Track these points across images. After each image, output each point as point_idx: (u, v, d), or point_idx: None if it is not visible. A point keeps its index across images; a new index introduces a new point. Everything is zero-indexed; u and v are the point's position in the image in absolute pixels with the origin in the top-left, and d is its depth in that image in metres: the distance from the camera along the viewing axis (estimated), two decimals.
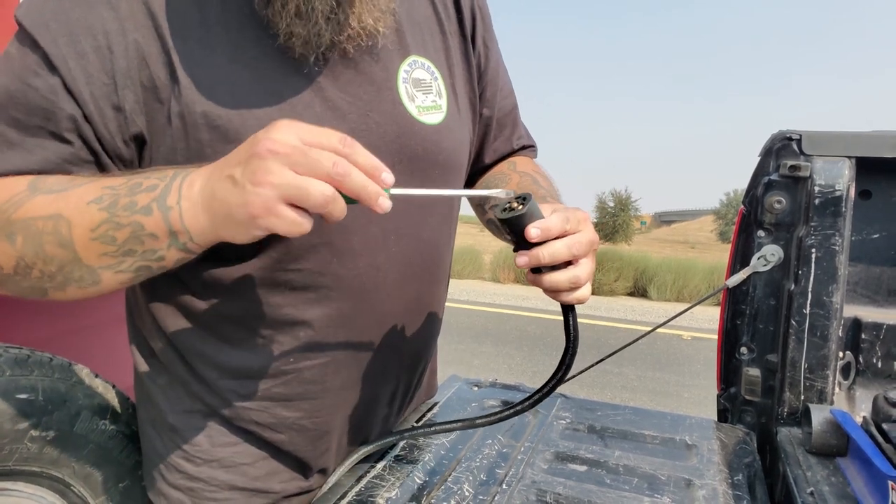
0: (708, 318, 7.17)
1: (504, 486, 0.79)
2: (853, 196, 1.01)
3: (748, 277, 1.10)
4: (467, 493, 0.77)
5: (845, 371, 1.09)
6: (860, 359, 1.08)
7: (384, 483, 0.80)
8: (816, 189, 1.01)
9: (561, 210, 0.64)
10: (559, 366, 0.70)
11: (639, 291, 10.53)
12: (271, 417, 0.78)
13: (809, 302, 1.01)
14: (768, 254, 1.08)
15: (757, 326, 1.12)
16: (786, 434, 0.98)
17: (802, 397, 1.02)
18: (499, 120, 0.95)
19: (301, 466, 0.83)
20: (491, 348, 5.91)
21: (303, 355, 0.76)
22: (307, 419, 0.80)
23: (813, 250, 1.01)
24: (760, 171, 1.09)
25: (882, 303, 1.12)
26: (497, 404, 1.07)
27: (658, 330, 1.29)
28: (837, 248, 1.00)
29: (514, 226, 0.62)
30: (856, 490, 0.78)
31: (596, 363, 1.28)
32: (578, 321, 0.69)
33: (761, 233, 1.09)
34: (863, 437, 0.81)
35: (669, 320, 1.29)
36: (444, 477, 0.81)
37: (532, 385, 1.15)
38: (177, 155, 0.65)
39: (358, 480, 0.81)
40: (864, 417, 0.86)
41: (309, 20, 0.64)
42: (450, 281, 0.95)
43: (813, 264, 1.01)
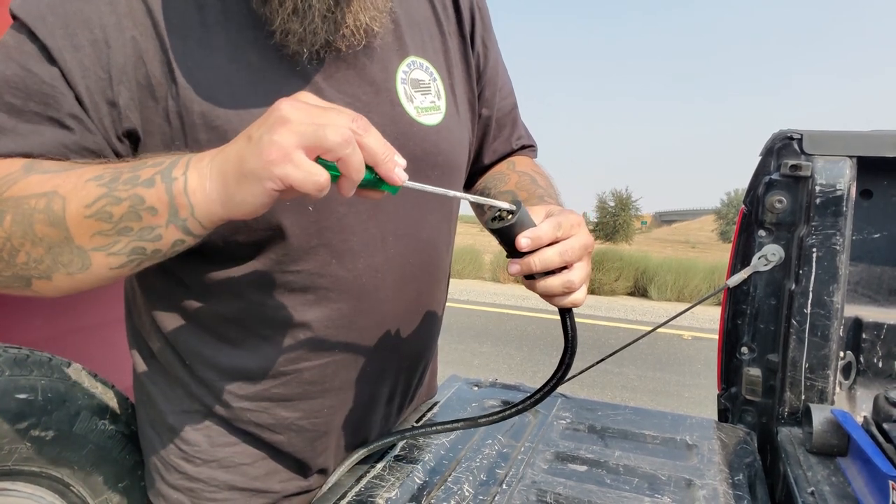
0: (709, 318, 7.17)
1: (504, 487, 0.79)
2: (854, 195, 1.01)
3: (749, 277, 1.10)
4: (467, 494, 0.77)
5: (846, 371, 1.09)
6: (861, 358, 1.08)
7: (384, 483, 0.80)
8: (817, 188, 1.01)
9: (553, 216, 0.64)
10: (559, 366, 0.70)
11: (639, 291, 10.53)
12: (270, 418, 0.78)
13: (810, 302, 1.01)
14: (769, 253, 1.08)
15: (758, 326, 1.12)
16: (786, 434, 0.98)
17: (803, 397, 1.02)
18: (498, 120, 0.95)
19: (300, 467, 0.83)
20: (491, 348, 5.91)
21: (302, 356, 0.76)
22: (306, 420, 0.80)
23: (814, 250, 1.01)
24: (761, 171, 1.09)
25: (883, 302, 1.12)
26: (497, 404, 1.07)
27: (658, 330, 1.29)
28: (838, 248, 1.00)
29: (505, 235, 0.61)
30: (856, 490, 0.78)
31: (596, 363, 1.28)
32: (578, 321, 0.69)
33: (762, 232, 1.09)
34: (863, 437, 0.81)
35: (670, 320, 1.28)
36: (445, 477, 0.81)
37: (532, 385, 1.15)
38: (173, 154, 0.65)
39: (358, 480, 0.81)
40: (865, 417, 0.86)
41: (305, 18, 0.64)
42: (450, 281, 0.95)
43: (814, 264, 1.01)
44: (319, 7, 0.64)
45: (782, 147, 1.06)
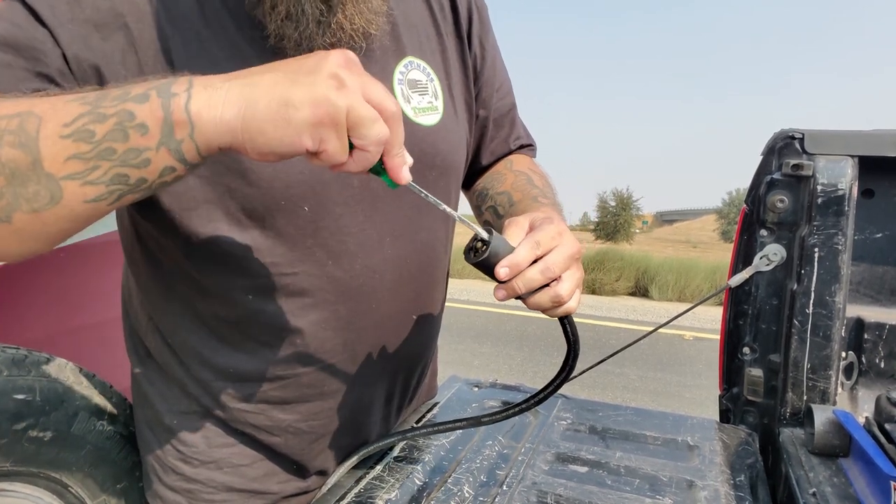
0: (710, 319, 7.16)
1: (504, 488, 0.78)
2: (856, 195, 1.01)
3: (750, 277, 1.10)
4: (467, 495, 0.77)
5: (848, 371, 1.08)
6: (863, 359, 1.07)
7: (384, 484, 0.79)
8: (819, 188, 1.00)
9: (532, 231, 0.62)
10: (562, 367, 0.69)
11: (640, 291, 10.52)
12: (268, 420, 0.78)
13: (812, 302, 1.01)
14: (771, 253, 1.08)
15: (759, 326, 1.11)
16: (788, 434, 0.98)
17: (805, 398, 1.02)
18: (496, 120, 0.94)
19: (298, 468, 0.83)
20: (491, 348, 5.90)
21: (299, 359, 0.75)
22: (304, 422, 0.79)
23: (815, 250, 1.00)
24: (763, 171, 1.09)
25: (885, 302, 1.12)
26: (497, 405, 1.07)
27: (660, 330, 1.28)
28: (840, 248, 0.99)
29: (483, 267, 0.61)
30: (858, 491, 0.78)
31: (597, 363, 1.27)
32: (579, 321, 0.68)
33: (764, 232, 1.09)
34: (865, 438, 0.81)
35: (671, 320, 1.28)
36: (445, 478, 0.81)
37: (532, 385, 1.14)
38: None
39: (357, 481, 0.80)
40: (867, 418, 0.86)
41: (299, 23, 0.63)
42: (449, 281, 0.94)
43: (815, 264, 1.00)
44: (312, 12, 0.63)
45: (784, 146, 1.06)
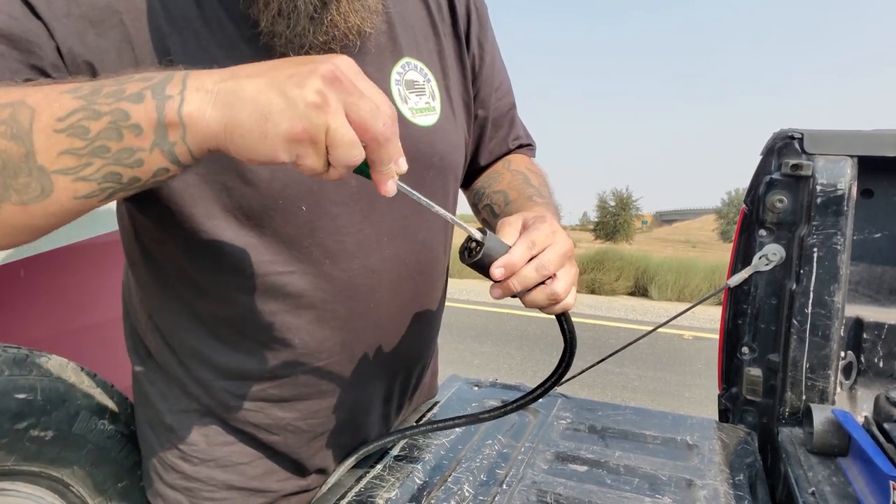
0: (709, 318, 7.16)
1: (504, 487, 0.79)
2: (855, 195, 1.01)
3: (750, 277, 1.10)
4: (467, 494, 0.77)
5: (847, 371, 1.08)
6: (862, 358, 1.08)
7: (384, 483, 0.80)
8: (818, 188, 1.01)
9: (526, 231, 0.63)
10: (559, 364, 0.70)
11: (640, 291, 10.52)
12: (267, 418, 0.78)
13: (811, 301, 1.01)
14: (770, 253, 1.08)
15: (758, 326, 1.12)
16: (787, 434, 0.98)
17: (804, 397, 1.02)
18: (494, 120, 0.94)
19: (297, 467, 0.83)
20: (491, 348, 5.90)
21: (297, 358, 0.75)
22: (303, 421, 0.79)
23: (815, 249, 1.00)
24: (762, 170, 1.09)
25: (884, 302, 1.12)
26: (497, 404, 1.07)
27: (659, 329, 1.28)
28: (839, 248, 1.00)
29: (479, 267, 0.61)
30: (857, 490, 0.78)
31: (596, 363, 1.28)
32: (578, 321, 0.69)
33: (763, 232, 1.09)
34: (864, 437, 0.81)
35: (670, 320, 1.28)
36: (445, 477, 0.81)
37: (532, 384, 1.15)
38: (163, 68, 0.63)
39: (358, 480, 0.81)
40: (866, 417, 0.86)
41: (291, 19, 0.63)
42: (448, 281, 0.95)
43: (815, 264, 1.00)
44: (306, 9, 0.63)
45: (783, 146, 1.06)
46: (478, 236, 0.61)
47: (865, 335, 1.07)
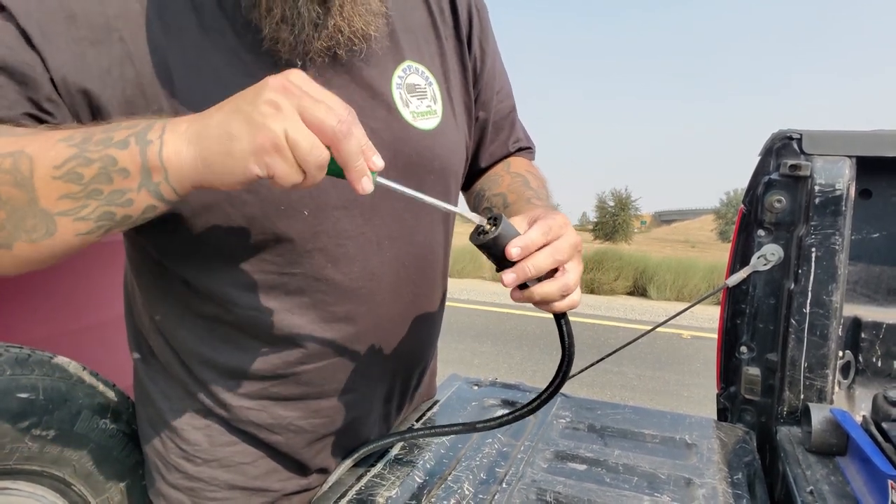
0: (708, 318, 7.16)
1: (504, 485, 0.79)
2: (853, 195, 1.01)
3: (748, 277, 1.11)
4: (467, 492, 0.77)
5: (845, 370, 1.09)
6: (860, 358, 1.08)
7: (384, 482, 0.80)
8: (817, 188, 1.01)
9: (540, 220, 0.64)
10: (557, 372, 0.70)
11: (638, 291, 10.53)
12: (269, 417, 0.79)
13: (809, 301, 1.01)
14: (768, 253, 1.08)
15: (757, 325, 1.12)
16: (785, 433, 0.98)
17: (802, 396, 1.02)
18: (495, 123, 0.94)
19: (299, 466, 0.83)
20: (491, 348, 5.91)
21: (299, 359, 0.76)
22: (304, 420, 0.80)
23: (813, 249, 1.01)
24: (761, 171, 1.09)
25: (882, 302, 1.12)
26: (497, 403, 1.07)
27: (658, 329, 1.29)
28: (837, 248, 1.00)
29: (491, 248, 0.61)
30: (855, 489, 0.78)
31: (596, 362, 1.28)
32: (578, 320, 0.69)
33: (761, 232, 1.09)
34: (862, 437, 0.81)
35: (669, 319, 1.29)
36: (445, 476, 0.82)
37: (532, 384, 1.15)
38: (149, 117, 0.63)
39: (358, 479, 0.81)
40: (864, 416, 0.86)
41: (295, 26, 0.63)
42: (448, 281, 0.95)
43: (813, 263, 1.01)
44: (309, 14, 0.63)
45: (782, 147, 1.06)
46: (483, 223, 0.62)
47: (863, 335, 1.07)
